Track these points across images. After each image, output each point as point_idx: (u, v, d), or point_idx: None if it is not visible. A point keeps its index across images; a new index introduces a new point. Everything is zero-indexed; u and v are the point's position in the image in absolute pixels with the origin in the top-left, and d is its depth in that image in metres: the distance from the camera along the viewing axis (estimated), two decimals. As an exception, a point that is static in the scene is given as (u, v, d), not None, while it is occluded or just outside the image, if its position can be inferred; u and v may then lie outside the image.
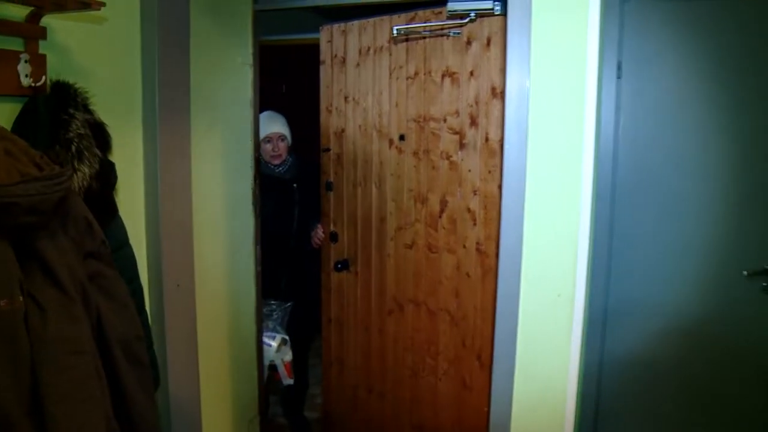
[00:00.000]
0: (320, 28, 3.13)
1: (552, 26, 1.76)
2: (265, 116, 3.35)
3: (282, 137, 3.42)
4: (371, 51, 2.93)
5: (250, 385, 3.02)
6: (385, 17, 2.83)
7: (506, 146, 1.79)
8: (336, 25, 3.06)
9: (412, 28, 2.67)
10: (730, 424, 2.56)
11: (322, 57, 3.16)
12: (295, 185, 3.53)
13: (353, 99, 3.05)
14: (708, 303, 2.53)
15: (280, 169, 3.48)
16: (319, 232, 3.34)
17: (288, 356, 3.31)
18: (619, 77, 2.59)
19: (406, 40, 2.75)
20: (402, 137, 2.86)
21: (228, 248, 2.67)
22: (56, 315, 1.32)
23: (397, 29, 2.65)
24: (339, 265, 3.16)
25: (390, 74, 2.87)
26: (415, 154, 2.81)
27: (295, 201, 3.55)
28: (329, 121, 3.17)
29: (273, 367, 3.28)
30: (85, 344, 1.37)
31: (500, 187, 2.14)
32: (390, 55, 2.85)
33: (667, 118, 2.57)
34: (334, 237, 3.23)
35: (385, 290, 3.02)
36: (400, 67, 2.82)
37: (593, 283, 2.63)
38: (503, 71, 2.21)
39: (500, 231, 1.85)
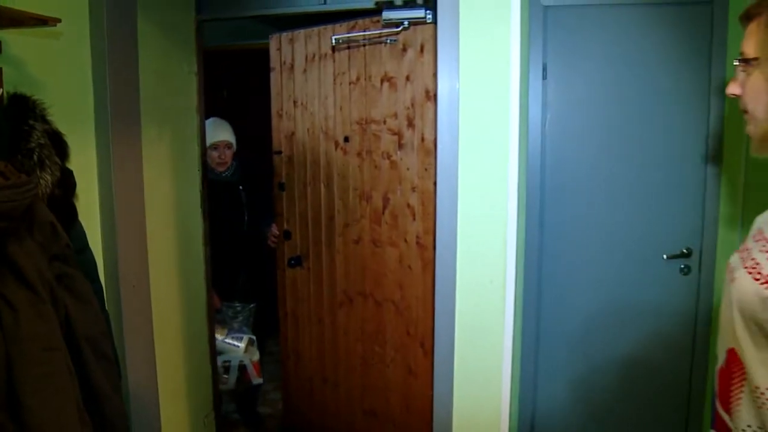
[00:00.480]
0: (270, 36, 3.25)
1: (478, 33, 1.91)
2: (211, 123, 3.45)
3: (228, 145, 3.52)
4: (317, 58, 3.06)
5: (204, 383, 3.11)
6: (329, 26, 2.96)
7: (439, 145, 1.94)
8: (284, 34, 3.18)
9: (350, 37, 2.82)
10: (658, 389, 2.83)
11: (272, 64, 3.28)
12: (241, 187, 3.64)
13: (301, 104, 3.18)
14: (633, 283, 2.78)
15: (226, 173, 3.58)
16: (274, 230, 3.44)
17: (256, 356, 3.45)
18: (544, 78, 2.81)
19: (348, 47, 2.90)
20: (347, 139, 3.00)
21: (179, 249, 2.77)
22: (28, 314, 1.41)
23: (335, 38, 2.79)
24: (292, 262, 3.29)
25: (334, 80, 3.01)
26: (359, 154, 2.96)
27: (243, 203, 3.66)
28: (280, 125, 3.30)
29: (242, 368, 3.41)
30: (55, 341, 1.46)
31: (435, 183, 2.30)
32: (334, 62, 2.99)
33: (590, 114, 2.81)
34: (287, 235, 3.36)
35: (336, 284, 3.16)
36: (343, 73, 2.96)
37: (527, 269, 2.86)
38: (435, 75, 2.37)
39: (436, 224, 2.00)
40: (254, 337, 3.48)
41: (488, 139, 1.89)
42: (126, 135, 2.20)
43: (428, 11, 2.50)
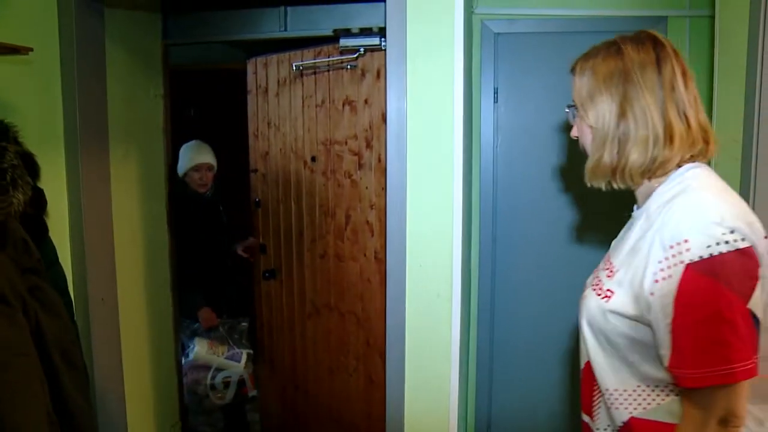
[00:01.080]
0: (247, 61, 3.39)
1: (423, 59, 2.03)
2: (193, 146, 3.60)
3: (210, 167, 3.61)
4: (287, 82, 3.20)
5: (170, 393, 3.19)
6: (298, 52, 3.11)
7: (388, 165, 2.07)
8: (259, 58, 3.33)
9: (315, 63, 2.97)
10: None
11: (249, 87, 3.43)
12: (221, 207, 3.76)
13: (275, 125, 3.33)
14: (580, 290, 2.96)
15: (207, 193, 3.67)
16: (239, 249, 3.66)
17: (251, 368, 3.56)
18: (496, 101, 2.99)
19: (314, 72, 3.04)
20: (313, 158, 3.14)
21: (146, 264, 2.86)
22: (1, 322, 1.51)
23: (296, 65, 2.95)
24: (267, 274, 3.43)
25: (303, 102, 3.15)
26: (324, 173, 3.10)
27: (224, 221, 3.78)
28: (256, 145, 3.44)
29: (241, 382, 3.51)
30: (26, 348, 1.57)
31: (385, 201, 2.43)
32: (302, 85, 3.13)
33: (540, 135, 2.98)
34: (263, 249, 3.49)
35: (305, 296, 3.29)
36: (310, 96, 3.10)
37: (481, 282, 3.02)
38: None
39: (386, 240, 2.12)
40: (252, 352, 3.56)
41: (434, 159, 2.02)
42: (94, 155, 2.31)
43: (383, 39, 2.65)
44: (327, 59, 2.96)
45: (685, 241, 1.11)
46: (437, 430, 2.14)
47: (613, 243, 1.46)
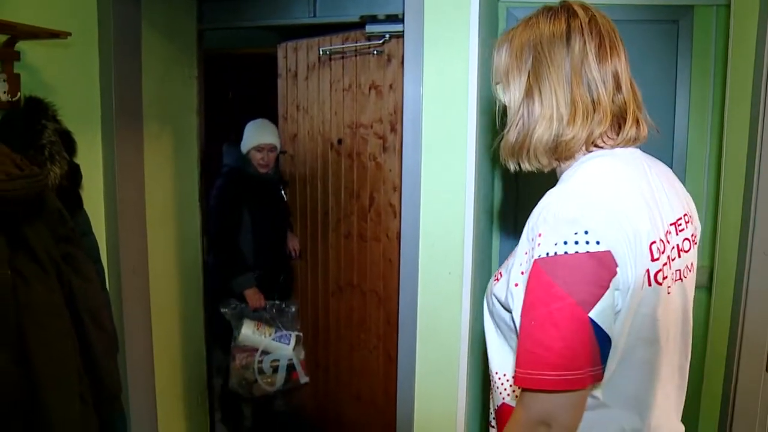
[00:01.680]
0: (277, 45, 3.49)
1: (440, 46, 2.08)
2: (258, 124, 3.45)
3: (273, 148, 3.42)
4: (316, 66, 3.30)
5: (198, 362, 3.33)
6: (326, 37, 3.20)
7: (404, 149, 2.13)
8: (290, 43, 3.43)
9: (338, 48, 3.06)
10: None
11: (279, 71, 3.54)
12: (281, 187, 3.63)
13: (303, 108, 3.44)
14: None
15: (269, 172, 3.50)
16: (294, 244, 3.67)
17: (302, 354, 3.37)
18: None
19: (342, 57, 3.13)
20: (340, 141, 3.24)
21: (177, 238, 2.98)
22: (36, 285, 1.65)
23: (322, 50, 3.04)
24: (294, 254, 3.57)
25: (330, 86, 3.25)
26: (350, 155, 3.19)
27: (284, 203, 3.65)
28: (285, 127, 3.57)
29: (291, 367, 3.32)
30: (60, 309, 1.71)
31: (401, 183, 2.49)
32: (330, 70, 3.23)
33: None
34: (290, 228, 3.62)
35: (329, 275, 3.40)
36: (338, 81, 3.20)
37: (501, 261, 3.07)
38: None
39: (401, 219, 2.20)
40: (301, 335, 3.39)
41: (449, 143, 2.08)
42: (129, 133, 2.43)
43: (408, 25, 2.73)
44: (354, 44, 3.04)
45: (539, 235, 1.05)
46: (446, 402, 2.21)
47: None
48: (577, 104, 1.13)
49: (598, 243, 1.00)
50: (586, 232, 1.01)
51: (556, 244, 1.02)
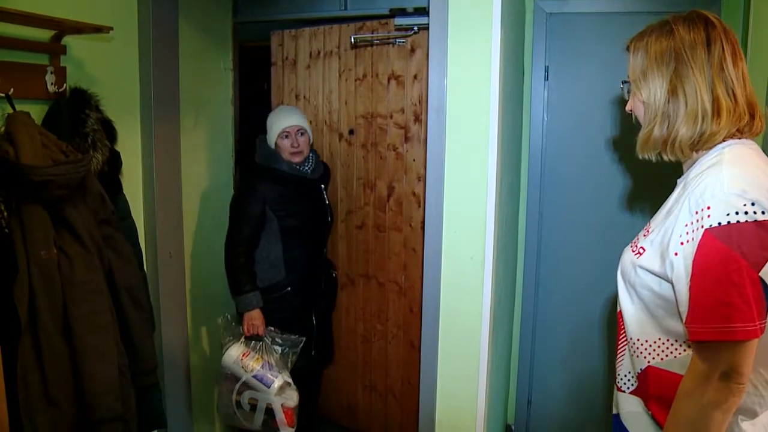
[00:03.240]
0: (271, 33, 3.41)
1: (464, 38, 2.12)
2: (279, 109, 3.04)
3: (301, 130, 2.93)
4: (321, 55, 3.28)
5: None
6: (335, 26, 3.19)
7: (429, 139, 2.20)
8: (287, 31, 3.37)
9: (366, 37, 3.08)
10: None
11: (273, 59, 3.43)
12: (323, 186, 3.12)
13: (304, 98, 3.37)
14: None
15: (306, 168, 2.98)
16: None
17: (292, 401, 2.83)
18: (546, 79, 3.07)
19: (355, 46, 3.14)
20: (351, 131, 3.24)
21: (212, 226, 3.07)
22: (80, 263, 1.78)
23: (354, 38, 3.08)
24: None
25: (339, 76, 3.24)
26: (364, 146, 3.20)
27: (328, 208, 3.16)
28: None
29: (269, 411, 2.81)
30: (100, 286, 1.83)
31: (425, 171, 2.44)
32: (339, 59, 3.22)
33: (588, 111, 3.04)
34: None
35: (337, 267, 3.36)
36: (350, 70, 3.19)
37: (527, 253, 3.14)
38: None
39: (425, 207, 2.23)
40: (290, 381, 2.83)
41: (472, 133, 2.13)
42: (166, 123, 2.54)
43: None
44: (371, 34, 3.06)
45: (708, 207, 1.20)
46: (468, 383, 2.28)
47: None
48: (720, 102, 1.31)
49: (764, 213, 1.17)
50: (753, 204, 1.18)
51: (728, 215, 1.18)
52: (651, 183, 3.01)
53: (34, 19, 1.87)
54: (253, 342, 2.86)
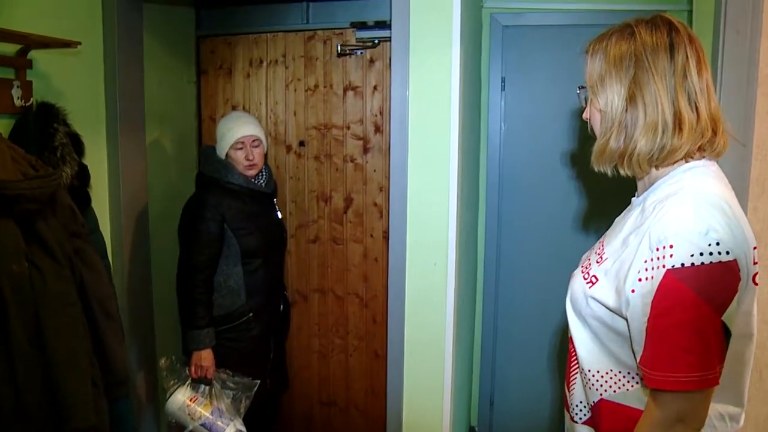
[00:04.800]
0: (200, 40, 3.26)
1: (425, 51, 2.21)
2: (233, 117, 2.74)
3: (256, 141, 2.68)
4: (264, 64, 3.21)
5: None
6: (279, 34, 3.17)
7: (392, 149, 2.25)
8: (219, 38, 3.26)
9: (351, 45, 3.06)
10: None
11: (203, 67, 3.28)
12: (275, 200, 2.91)
13: (243, 108, 3.24)
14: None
15: (260, 181, 2.75)
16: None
17: None
18: (503, 90, 3.18)
19: (303, 56, 3.14)
20: (302, 143, 3.19)
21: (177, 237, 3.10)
22: (51, 276, 1.78)
23: (340, 46, 3.05)
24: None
25: (286, 86, 3.19)
26: (317, 158, 3.18)
27: (283, 226, 2.97)
28: (213, 130, 3.17)
29: None
30: (72, 298, 1.84)
31: (388, 181, 2.54)
32: (286, 68, 3.17)
33: (544, 122, 3.15)
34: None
35: (287, 283, 3.27)
36: (299, 80, 3.16)
37: (486, 260, 3.21)
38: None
39: (389, 215, 2.29)
40: (243, 429, 2.56)
41: (433, 143, 2.20)
42: (132, 136, 2.56)
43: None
44: (353, 45, 3.02)
45: (671, 246, 1.10)
46: (434, 386, 2.33)
47: (614, 222, 1.46)
48: (682, 115, 1.20)
49: (728, 253, 1.09)
50: (718, 243, 1.09)
51: (692, 255, 1.09)
52: (606, 193, 3.11)
53: (0, 33, 1.86)
54: (201, 386, 2.57)
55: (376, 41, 2.95)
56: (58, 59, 2.23)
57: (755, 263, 1.18)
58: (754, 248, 1.17)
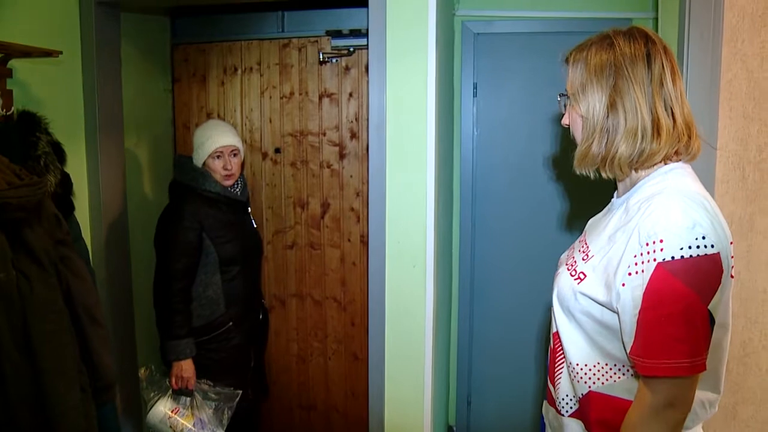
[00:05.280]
0: (174, 47, 3.29)
1: (402, 59, 2.25)
2: (211, 126, 2.71)
3: (235, 151, 2.65)
4: (239, 71, 3.24)
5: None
6: (254, 42, 3.19)
7: (370, 154, 2.29)
8: (192, 46, 3.26)
9: (334, 53, 3.10)
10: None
11: (176, 75, 3.29)
12: (249, 209, 2.90)
13: (218, 115, 3.27)
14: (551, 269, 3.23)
15: (236, 189, 2.73)
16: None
17: None
18: (475, 96, 3.25)
19: (278, 63, 3.18)
20: (278, 150, 3.23)
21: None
22: (38, 284, 1.79)
23: (322, 55, 3.09)
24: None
25: (261, 93, 3.22)
26: (293, 164, 3.21)
27: (258, 234, 2.96)
28: (190, 138, 3.15)
29: None
30: (59, 305, 1.85)
31: (367, 186, 2.50)
32: (261, 75, 3.21)
33: (515, 126, 3.23)
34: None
35: (264, 289, 3.30)
36: (274, 87, 3.20)
37: (461, 262, 3.27)
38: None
39: (368, 219, 2.33)
40: None
41: (411, 148, 2.25)
42: (110, 143, 2.58)
43: (371, 38, 2.90)
44: (337, 51, 3.04)
45: (661, 240, 1.16)
46: (414, 386, 2.38)
47: (590, 223, 1.54)
48: (660, 121, 1.28)
49: (712, 246, 1.15)
50: (704, 237, 1.15)
51: (681, 249, 1.15)
52: (576, 195, 3.21)
53: (-20, 43, 1.86)
54: (182, 397, 2.55)
55: (351, 49, 2.99)
56: (37, 68, 2.24)
57: (732, 257, 1.25)
58: (731, 243, 1.24)
